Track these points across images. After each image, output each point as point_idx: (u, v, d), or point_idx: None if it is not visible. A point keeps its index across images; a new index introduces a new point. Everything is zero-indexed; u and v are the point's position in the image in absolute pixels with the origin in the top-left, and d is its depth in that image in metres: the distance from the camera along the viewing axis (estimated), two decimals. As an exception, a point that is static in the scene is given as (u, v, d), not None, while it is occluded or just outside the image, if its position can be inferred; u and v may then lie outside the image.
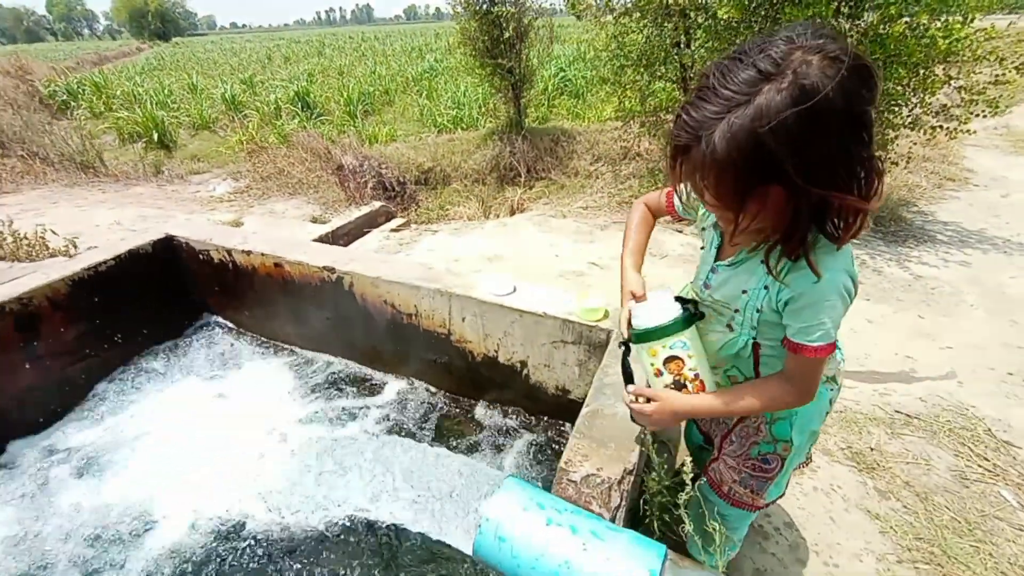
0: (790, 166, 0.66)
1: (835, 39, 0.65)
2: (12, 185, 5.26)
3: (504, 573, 0.99)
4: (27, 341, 1.90)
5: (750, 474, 1.10)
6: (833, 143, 0.66)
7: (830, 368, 1.00)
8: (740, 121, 0.65)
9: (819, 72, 0.63)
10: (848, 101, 0.64)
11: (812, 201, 0.70)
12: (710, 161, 0.69)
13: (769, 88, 0.64)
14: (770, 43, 0.66)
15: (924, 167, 4.81)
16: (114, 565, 1.55)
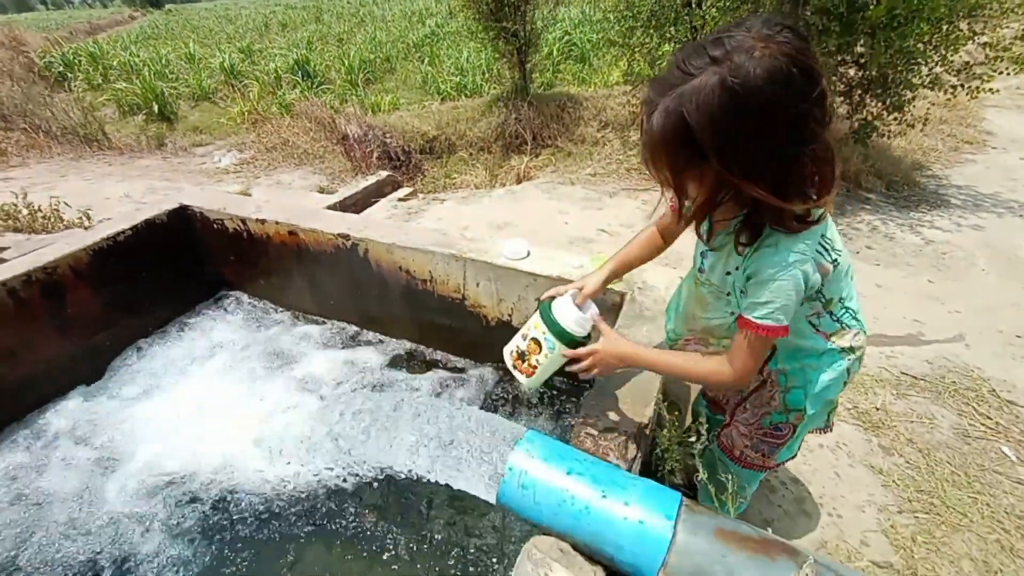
0: (708, 147, 0.69)
1: (788, 32, 0.67)
2: (19, 159, 5.27)
3: (527, 519, 1.05)
4: (53, 310, 1.95)
5: (761, 439, 1.14)
6: (752, 133, 0.68)
7: (845, 338, 0.98)
8: (675, 100, 0.69)
9: (754, 62, 0.65)
10: (777, 95, 0.65)
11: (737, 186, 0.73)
12: (649, 137, 0.73)
13: (708, 71, 0.67)
14: (728, 31, 0.68)
15: (941, 130, 4.70)
16: (139, 522, 1.64)
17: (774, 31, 0.67)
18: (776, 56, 0.65)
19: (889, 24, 2.93)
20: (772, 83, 0.65)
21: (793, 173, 0.73)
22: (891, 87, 3.33)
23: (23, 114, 5.74)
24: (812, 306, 0.96)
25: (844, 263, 0.92)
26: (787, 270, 0.80)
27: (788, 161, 0.71)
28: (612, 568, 0.97)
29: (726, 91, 0.66)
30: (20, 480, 1.77)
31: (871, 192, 3.84)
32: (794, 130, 0.69)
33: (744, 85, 0.65)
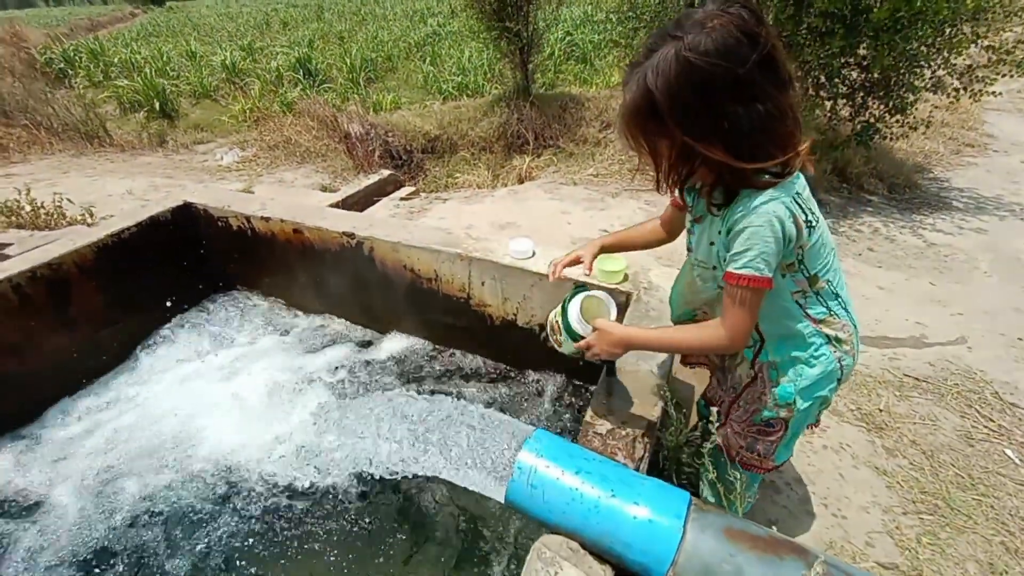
0: (668, 114, 0.77)
1: (739, 7, 0.74)
2: (20, 155, 5.25)
3: (536, 518, 1.05)
4: (58, 306, 1.95)
5: (755, 438, 1.14)
6: (705, 97, 0.75)
7: (833, 327, 0.99)
8: (640, 73, 0.77)
9: (705, 33, 0.72)
10: (726, 59, 0.72)
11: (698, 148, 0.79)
12: (622, 110, 0.82)
13: (667, 45, 0.75)
14: (687, 12, 0.77)
15: (942, 133, 4.71)
16: (144, 515, 1.64)
17: (726, 7, 0.74)
18: (725, 26, 0.72)
19: (892, 27, 2.94)
20: (721, 50, 0.72)
21: (748, 134, 0.78)
22: (894, 90, 3.34)
23: (24, 110, 5.72)
24: (795, 280, 0.96)
25: (822, 231, 0.93)
26: (760, 216, 0.84)
27: (741, 123, 0.76)
28: (621, 567, 0.97)
29: (680, 60, 0.73)
30: (24, 476, 1.76)
31: (873, 194, 3.85)
32: (744, 92, 0.75)
33: (695, 53, 0.72)
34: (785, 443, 1.15)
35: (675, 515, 0.96)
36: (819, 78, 3.47)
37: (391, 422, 1.53)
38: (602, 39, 8.09)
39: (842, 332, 1.01)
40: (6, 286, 1.78)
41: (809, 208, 0.89)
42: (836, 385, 1.06)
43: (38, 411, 1.95)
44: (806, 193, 0.90)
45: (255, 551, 1.55)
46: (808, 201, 0.90)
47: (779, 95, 0.78)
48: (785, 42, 3.27)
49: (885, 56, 3.05)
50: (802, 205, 0.88)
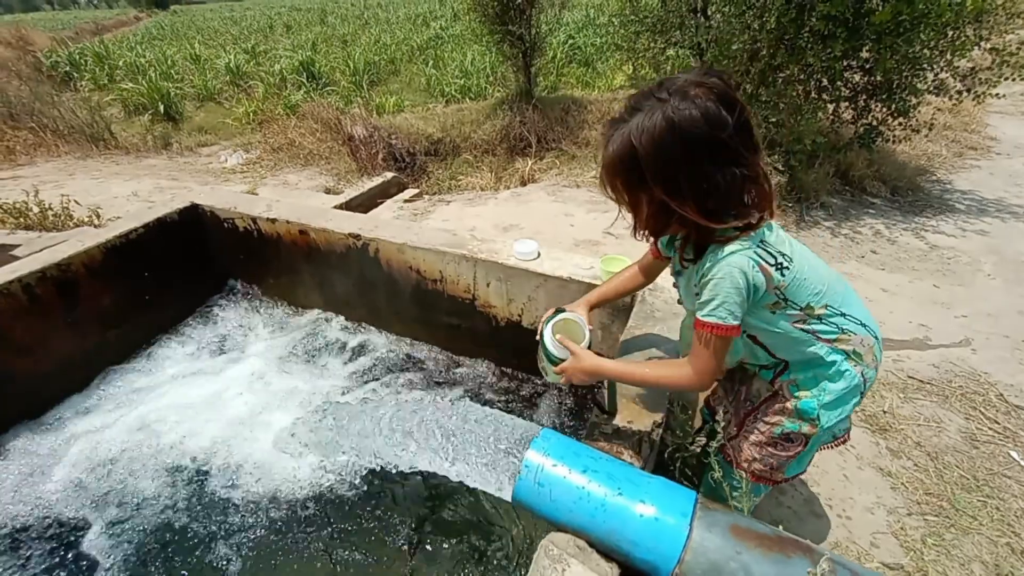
0: (650, 173, 0.83)
1: (716, 78, 0.81)
2: (26, 157, 5.29)
3: (543, 516, 1.06)
4: (67, 306, 1.97)
5: (772, 452, 1.13)
6: (686, 160, 0.81)
7: (850, 343, 1.00)
8: (626, 131, 0.83)
9: (689, 101, 0.79)
10: (708, 126, 0.79)
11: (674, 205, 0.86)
12: (605, 162, 0.87)
13: (653, 108, 0.81)
14: (670, 79, 0.83)
15: (945, 135, 4.72)
16: (151, 509, 1.65)
17: (705, 77, 0.81)
18: (708, 96, 0.79)
19: (894, 30, 2.95)
20: (704, 116, 0.78)
21: (724, 197, 0.85)
22: (896, 92, 3.35)
23: (31, 113, 5.76)
24: (789, 314, 0.98)
25: (800, 267, 0.95)
26: (724, 267, 0.90)
27: (719, 185, 0.83)
28: (628, 565, 0.98)
29: (667, 125, 0.79)
30: (30, 473, 1.78)
31: (876, 197, 3.85)
32: (723, 156, 0.81)
33: (680, 117, 0.78)
34: (799, 458, 1.14)
35: (681, 513, 0.96)
36: (821, 81, 3.49)
37: (396, 421, 1.54)
38: (604, 42, 8.13)
39: (860, 346, 1.01)
40: (17, 286, 1.80)
41: (779, 251, 0.93)
42: (859, 399, 1.06)
43: (46, 409, 1.96)
44: (775, 236, 0.94)
45: (259, 549, 1.55)
46: (779, 243, 0.94)
47: (753, 158, 0.84)
48: (787, 45, 3.28)
49: (887, 59, 3.06)
50: (769, 250, 0.91)
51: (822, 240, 3.24)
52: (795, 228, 3.38)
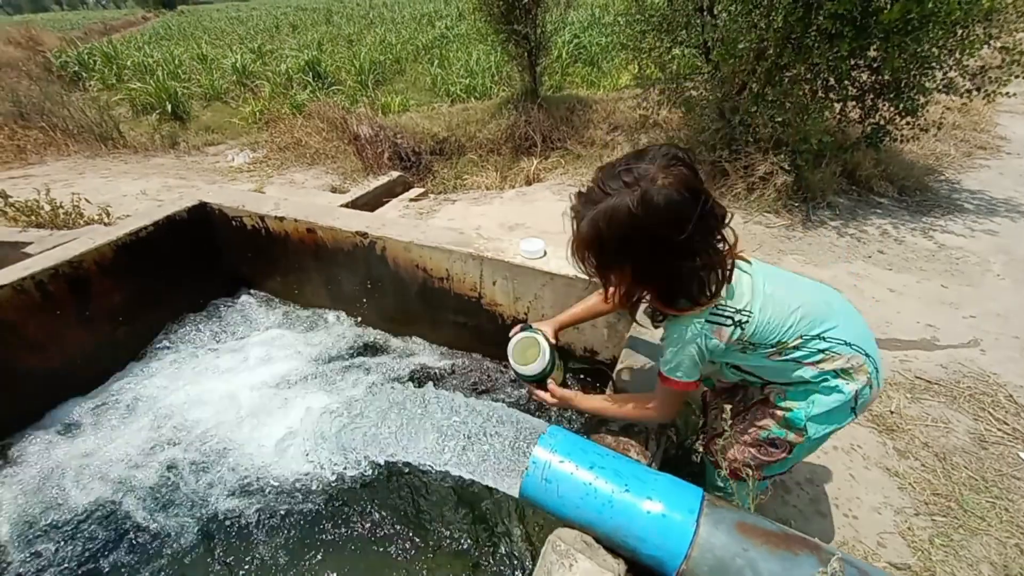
0: (614, 256, 0.90)
1: (682, 166, 0.84)
2: (37, 156, 5.35)
3: (550, 512, 1.07)
4: (79, 304, 1.99)
5: (754, 454, 1.14)
6: (643, 251, 0.87)
7: (836, 362, 1.01)
8: (594, 215, 0.87)
9: (655, 190, 0.81)
10: (671, 216, 0.82)
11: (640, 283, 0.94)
12: (575, 241, 0.92)
13: (620, 194, 0.84)
14: (636, 161, 0.86)
15: (954, 134, 4.67)
16: (157, 508, 1.67)
17: (672, 164, 0.84)
18: (673, 186, 0.82)
19: (903, 28, 2.93)
20: (668, 212, 0.82)
21: (680, 286, 0.92)
22: (904, 91, 3.32)
23: (41, 112, 5.82)
24: (764, 352, 1.02)
25: (760, 315, 0.98)
26: (679, 337, 0.99)
27: (676, 275, 0.90)
28: (634, 560, 0.99)
29: (631, 216, 0.83)
30: (42, 469, 1.80)
31: (883, 196, 3.83)
32: (683, 250, 0.86)
33: (646, 213, 0.82)
34: (781, 462, 1.15)
35: (688, 510, 0.97)
36: (828, 80, 3.47)
37: (403, 419, 1.55)
38: (609, 42, 8.11)
39: (848, 364, 1.01)
40: (30, 283, 1.82)
41: (736, 309, 0.97)
42: (852, 415, 1.06)
43: (57, 405, 1.99)
44: (736, 291, 0.97)
45: (268, 546, 1.57)
46: (738, 299, 0.97)
47: (715, 244, 0.90)
48: (794, 44, 3.27)
49: (896, 58, 3.04)
50: (725, 313, 0.96)
51: (828, 240, 3.22)
52: (801, 228, 3.36)
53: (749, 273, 1.00)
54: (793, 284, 1.05)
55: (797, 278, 1.08)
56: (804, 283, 1.07)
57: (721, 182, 3.94)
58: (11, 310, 1.80)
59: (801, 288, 1.05)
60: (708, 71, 4.05)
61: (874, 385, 1.04)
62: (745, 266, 1.00)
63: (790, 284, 1.04)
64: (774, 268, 1.08)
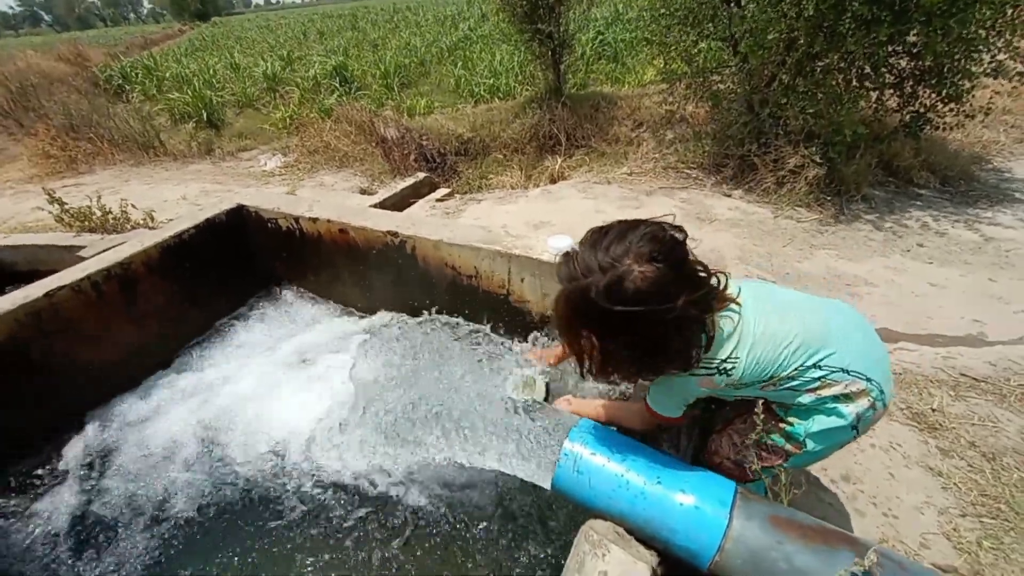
0: (577, 332, 0.94)
1: (661, 259, 0.84)
2: (86, 166, 5.67)
3: (582, 503, 1.08)
4: (128, 303, 2.11)
5: (750, 454, 1.12)
6: (619, 329, 0.89)
7: (834, 388, 0.98)
8: (570, 292, 0.90)
9: (630, 280, 0.83)
10: (641, 305, 0.83)
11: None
12: (555, 316, 0.97)
13: (596, 276, 0.85)
14: (621, 239, 0.87)
15: (1004, 120, 4.44)
16: (201, 501, 1.76)
17: (652, 255, 0.84)
18: (645, 280, 0.83)
19: (947, 11, 2.80)
20: (637, 300, 0.83)
21: (655, 363, 0.95)
22: (947, 77, 3.18)
23: (89, 124, 6.16)
24: (752, 389, 1.02)
25: (752, 354, 0.97)
26: (665, 389, 1.07)
27: (642, 355, 0.93)
28: (667, 552, 0.99)
29: (598, 300, 0.85)
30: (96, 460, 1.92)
31: (923, 188, 3.68)
32: (651, 332, 0.88)
33: (614, 298, 0.84)
34: (773, 469, 1.12)
35: (720, 503, 0.97)
36: (863, 68, 3.35)
37: (435, 413, 1.58)
38: (633, 37, 8.02)
39: (846, 390, 0.98)
40: (87, 283, 1.95)
41: (721, 359, 0.97)
42: (855, 435, 1.04)
43: (109, 397, 2.11)
44: (720, 337, 0.97)
45: (301, 537, 1.63)
46: (723, 348, 0.97)
47: (690, 327, 0.91)
48: (826, 33, 3.17)
49: (938, 42, 2.92)
50: (709, 365, 0.98)
51: (863, 234, 3.12)
52: (834, 222, 3.26)
53: (737, 317, 0.98)
54: (788, 311, 1.01)
55: (794, 301, 1.05)
56: (801, 306, 1.04)
57: (750, 176, 3.85)
58: (71, 308, 1.93)
59: (797, 314, 1.01)
60: (736, 64, 3.96)
61: (878, 407, 1.00)
62: (734, 310, 0.97)
63: (784, 312, 1.00)
64: (769, 292, 1.06)
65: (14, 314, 1.77)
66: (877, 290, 2.59)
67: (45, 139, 5.78)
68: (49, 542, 1.66)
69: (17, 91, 7.72)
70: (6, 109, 7.40)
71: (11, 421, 1.82)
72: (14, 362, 1.80)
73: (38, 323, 1.84)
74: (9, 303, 1.78)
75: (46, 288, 1.86)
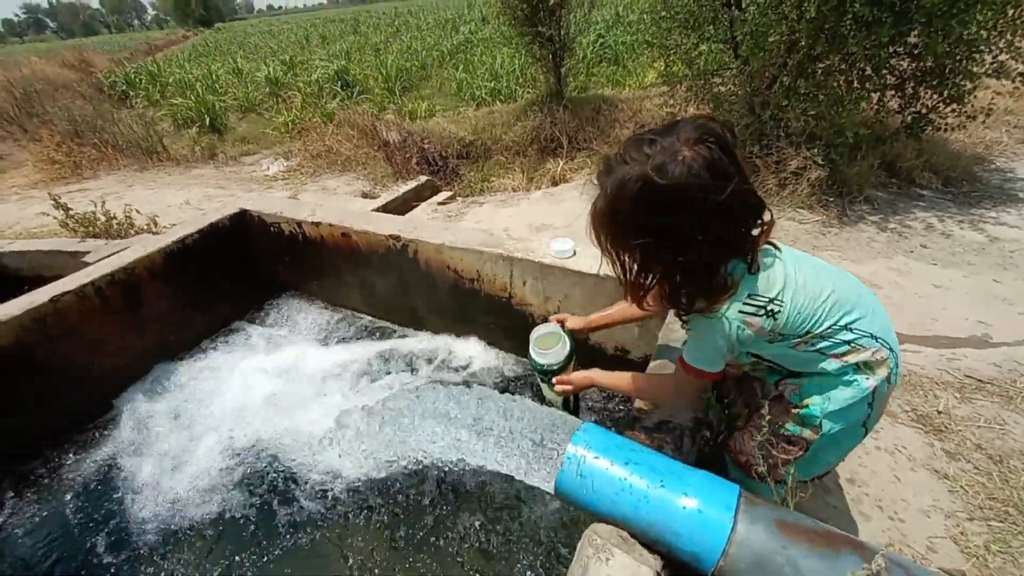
0: (621, 227, 0.84)
1: (713, 140, 0.77)
2: (91, 171, 5.70)
3: (585, 507, 1.08)
4: (132, 308, 2.12)
5: (771, 449, 1.11)
6: (654, 223, 0.80)
7: (860, 355, 0.97)
8: (609, 183, 0.81)
9: (675, 163, 0.75)
10: (688, 193, 0.76)
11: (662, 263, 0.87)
12: (592, 211, 0.87)
13: (637, 163, 0.78)
14: (669, 130, 0.80)
15: (1007, 121, 4.43)
16: (200, 503, 1.75)
17: (702, 139, 0.77)
18: (696, 159, 0.75)
19: (947, 11, 2.80)
20: (683, 182, 0.75)
21: (690, 271, 0.85)
22: (949, 78, 3.17)
23: (94, 130, 6.20)
24: (792, 343, 0.98)
25: (791, 304, 0.93)
26: (707, 335, 0.95)
27: (687, 257, 0.83)
28: (671, 556, 0.98)
29: (644, 183, 0.77)
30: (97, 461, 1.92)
31: (926, 188, 3.66)
32: (698, 228, 0.79)
33: (661, 180, 0.75)
34: (800, 464, 1.12)
35: (725, 506, 0.96)
36: (865, 70, 3.34)
37: (438, 417, 1.58)
38: (634, 40, 8.03)
39: (872, 357, 0.98)
40: (90, 288, 1.96)
41: (768, 298, 0.91)
42: (869, 411, 1.03)
43: (110, 400, 2.12)
44: (767, 276, 0.92)
45: (305, 538, 1.63)
46: (770, 286, 0.92)
47: (739, 234, 0.84)
48: (827, 34, 3.17)
49: (939, 43, 2.91)
50: (756, 302, 0.91)
51: (867, 235, 3.11)
52: (837, 224, 3.25)
53: (780, 259, 0.95)
54: (822, 271, 1.00)
55: (825, 265, 1.04)
56: (832, 269, 1.03)
57: (752, 178, 3.85)
58: (75, 314, 1.94)
59: (830, 275, 1.00)
60: (737, 66, 3.96)
61: (892, 380, 1.01)
62: (776, 252, 0.96)
63: (819, 271, 0.99)
64: (801, 254, 1.04)
65: (20, 319, 1.79)
66: (881, 292, 2.58)
67: (50, 145, 5.82)
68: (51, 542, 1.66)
69: (22, 97, 7.79)
70: (11, 115, 7.46)
71: (12, 423, 1.83)
72: (17, 365, 1.81)
73: (43, 328, 1.85)
74: (15, 308, 1.80)
75: (51, 293, 1.88)
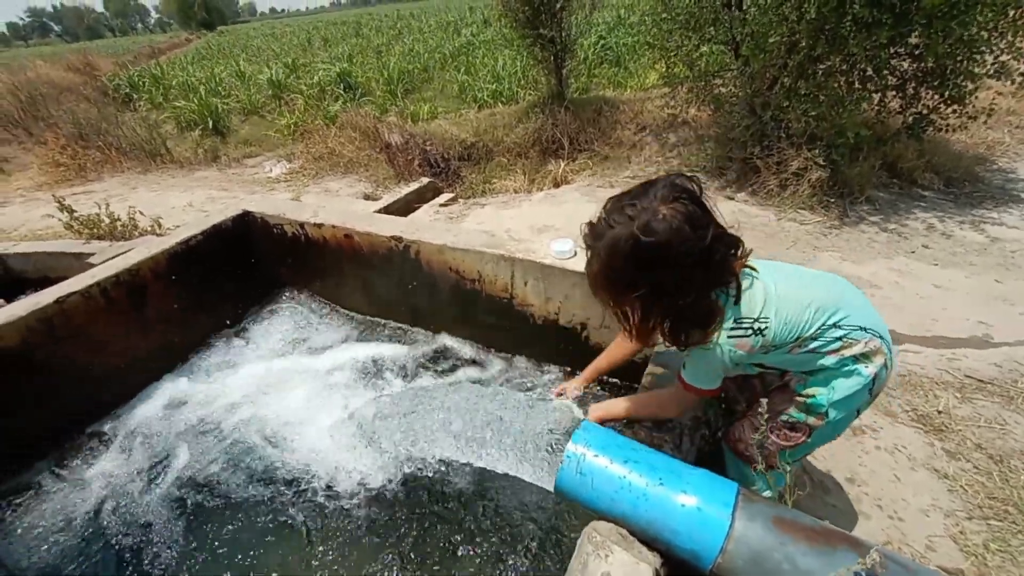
0: (619, 284, 0.92)
1: (686, 198, 0.86)
2: (95, 174, 5.74)
3: (585, 505, 1.09)
4: (136, 308, 2.14)
5: (772, 439, 1.14)
6: (648, 276, 0.89)
7: (855, 348, 1.02)
8: (599, 248, 0.91)
9: (657, 221, 0.84)
10: (674, 246, 0.84)
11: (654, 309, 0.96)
12: (589, 273, 0.96)
13: (623, 225, 0.87)
14: (642, 194, 0.89)
15: (1008, 121, 4.42)
16: (201, 503, 1.77)
17: (676, 197, 0.86)
18: (675, 216, 0.84)
19: (947, 12, 2.80)
20: (669, 238, 0.84)
21: (688, 311, 0.95)
22: (950, 78, 3.17)
23: (98, 132, 6.25)
24: (781, 352, 1.03)
25: (780, 315, 0.99)
26: (703, 359, 1.03)
27: (682, 300, 0.92)
28: (669, 554, 0.99)
29: (633, 243, 0.85)
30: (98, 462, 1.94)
31: (927, 189, 3.66)
32: (684, 274, 0.88)
33: (648, 237, 0.84)
34: (797, 449, 1.14)
35: (723, 504, 0.97)
36: (865, 70, 3.35)
37: (440, 417, 1.60)
38: (636, 41, 8.05)
39: (865, 348, 1.02)
40: (96, 289, 1.98)
41: (754, 318, 0.98)
42: (869, 398, 1.08)
43: (117, 401, 2.14)
44: (748, 299, 0.98)
45: (309, 538, 1.64)
46: (752, 307, 0.98)
47: (720, 273, 0.92)
48: (828, 35, 3.17)
49: (940, 43, 2.92)
50: (743, 324, 0.97)
51: (868, 236, 3.11)
52: (838, 224, 3.26)
53: (758, 279, 1.01)
54: (801, 279, 1.06)
55: (802, 271, 1.10)
56: (810, 275, 1.09)
57: (753, 179, 3.85)
58: (80, 315, 1.96)
59: (809, 281, 1.06)
60: (737, 67, 3.98)
61: (889, 366, 1.05)
62: (752, 273, 1.01)
63: (799, 279, 1.05)
64: (777, 264, 1.09)
65: (26, 320, 1.81)
66: (882, 292, 2.59)
67: (55, 147, 5.86)
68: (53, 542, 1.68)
69: (27, 100, 7.84)
70: (16, 118, 7.52)
71: (12, 423, 1.84)
72: (23, 366, 1.83)
73: (49, 329, 1.87)
74: (21, 309, 1.82)
75: (56, 294, 1.90)
